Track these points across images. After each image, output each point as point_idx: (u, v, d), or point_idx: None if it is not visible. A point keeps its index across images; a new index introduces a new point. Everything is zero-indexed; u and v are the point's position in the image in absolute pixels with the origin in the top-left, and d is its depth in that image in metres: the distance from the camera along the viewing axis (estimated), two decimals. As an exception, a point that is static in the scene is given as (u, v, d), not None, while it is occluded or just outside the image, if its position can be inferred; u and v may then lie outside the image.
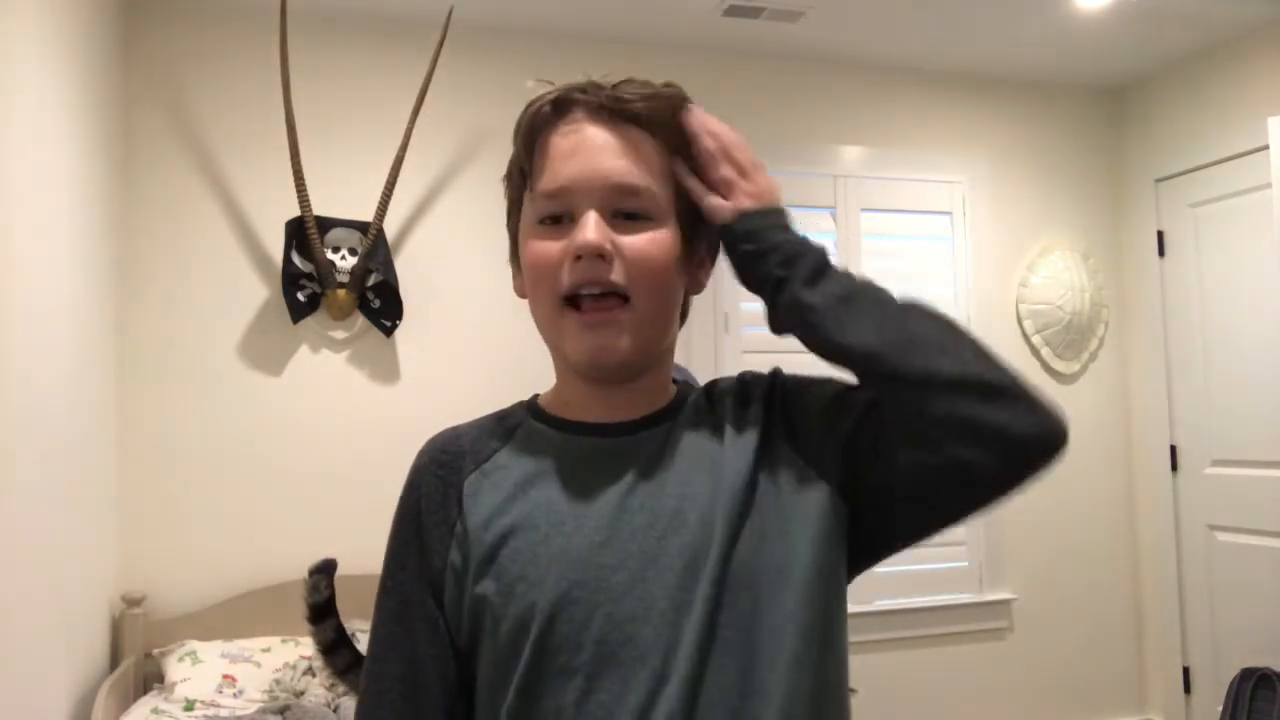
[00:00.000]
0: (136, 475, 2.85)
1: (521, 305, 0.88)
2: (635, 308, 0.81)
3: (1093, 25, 3.30)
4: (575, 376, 0.87)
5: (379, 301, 3.03)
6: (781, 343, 0.86)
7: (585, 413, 0.86)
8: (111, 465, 2.79)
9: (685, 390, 0.90)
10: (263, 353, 2.99)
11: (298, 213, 2.90)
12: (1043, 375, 3.75)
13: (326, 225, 2.96)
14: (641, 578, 0.77)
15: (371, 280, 3.00)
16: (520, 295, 0.89)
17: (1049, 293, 3.74)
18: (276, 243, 2.97)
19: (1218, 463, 3.50)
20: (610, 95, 0.83)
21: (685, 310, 0.90)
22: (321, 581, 1.67)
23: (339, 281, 2.96)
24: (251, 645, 2.69)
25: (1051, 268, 3.76)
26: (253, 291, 2.99)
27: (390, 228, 3.06)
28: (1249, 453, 3.38)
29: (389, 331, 3.05)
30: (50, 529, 2.22)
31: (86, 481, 2.55)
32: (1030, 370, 3.73)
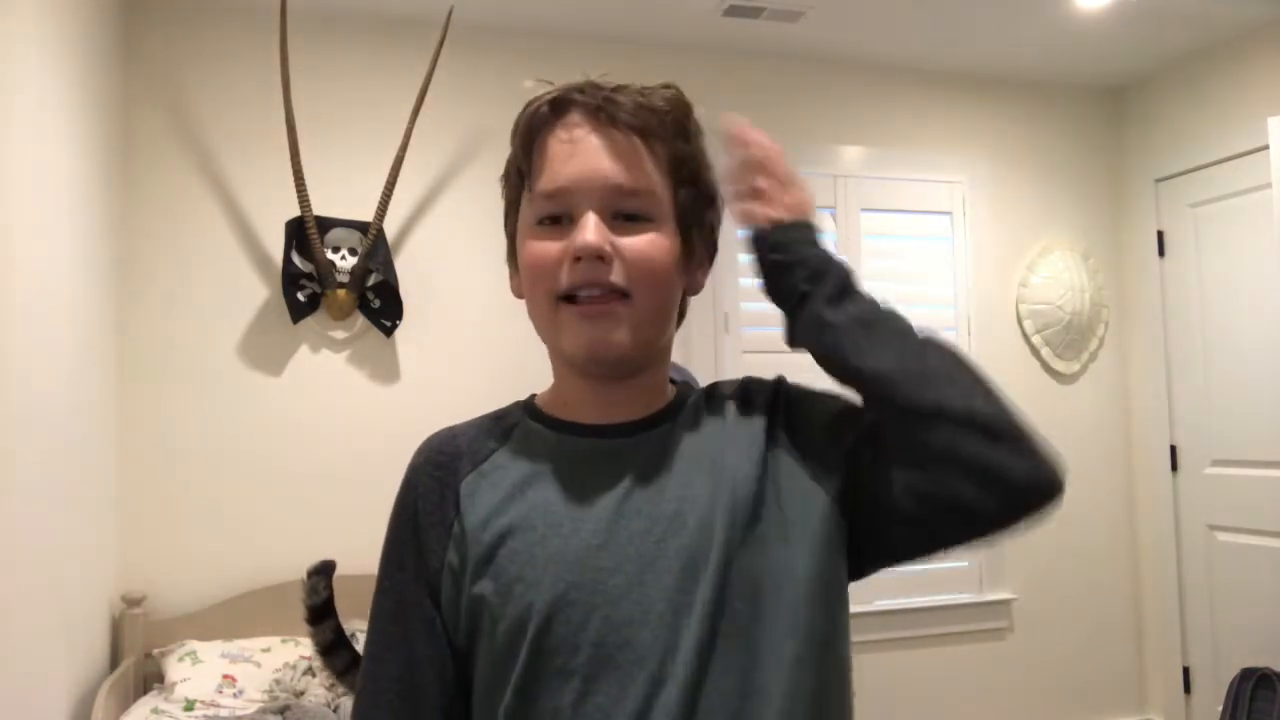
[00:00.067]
0: (136, 475, 2.85)
1: (521, 305, 0.87)
2: (634, 304, 0.81)
3: (1093, 25, 3.30)
4: (572, 375, 0.86)
5: (379, 301, 3.03)
6: (781, 344, 0.86)
7: (582, 413, 0.86)
8: (111, 465, 2.79)
9: (684, 391, 0.90)
10: (263, 353, 2.99)
11: (298, 213, 2.90)
12: (1043, 375, 3.75)
13: (326, 225, 2.96)
14: (639, 581, 0.77)
15: (371, 280, 3.00)
16: (517, 295, 0.89)
17: (1049, 293, 3.74)
18: (276, 243, 2.97)
19: (1218, 463, 3.50)
20: (607, 98, 0.82)
21: (683, 311, 0.90)
22: (320, 583, 1.67)
23: (339, 281, 2.97)
24: (251, 645, 2.69)
25: (1051, 268, 3.76)
26: (253, 291, 2.99)
27: (390, 228, 3.06)
28: (1249, 453, 3.38)
29: (389, 331, 3.06)
30: (50, 529, 2.22)
31: (86, 481, 2.55)
32: (1030, 370, 3.74)
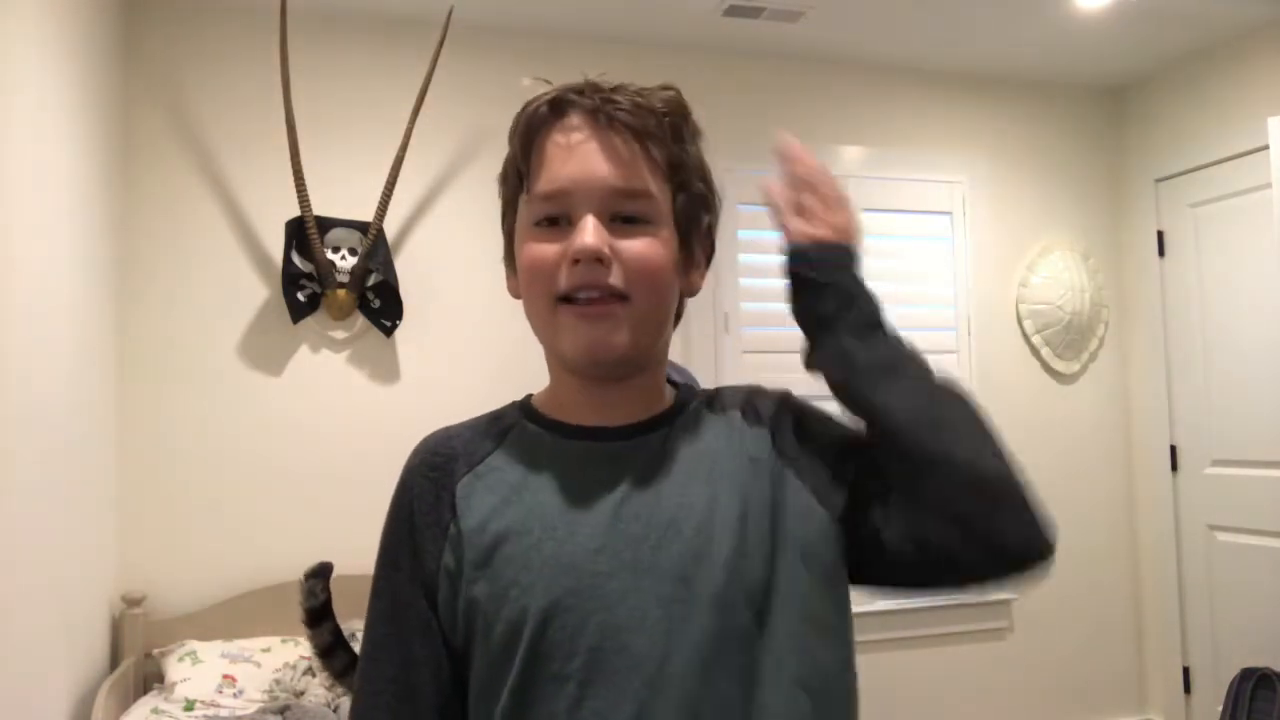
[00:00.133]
0: (136, 475, 2.85)
1: (521, 305, 0.87)
2: (633, 306, 0.81)
3: (1093, 25, 3.30)
4: (568, 376, 0.86)
5: (379, 301, 3.03)
6: (781, 344, 0.86)
7: (578, 414, 0.86)
8: (111, 465, 2.79)
9: (686, 396, 0.90)
10: (263, 353, 2.99)
11: (298, 213, 2.90)
12: (1043, 375, 3.75)
13: (326, 225, 2.96)
14: (635, 587, 0.77)
15: (371, 280, 3.00)
16: (514, 295, 0.88)
17: (1049, 293, 3.74)
18: (276, 243, 2.97)
19: (1218, 463, 3.50)
20: (606, 99, 0.82)
21: (679, 312, 0.89)
22: (317, 585, 1.67)
23: (339, 281, 2.96)
24: (251, 645, 2.69)
25: (1051, 268, 3.76)
26: (253, 291, 2.99)
27: (390, 228, 3.06)
28: (1249, 453, 3.38)
29: (389, 331, 3.05)
30: (50, 529, 2.22)
31: (86, 481, 2.55)
32: (1030, 370, 3.74)
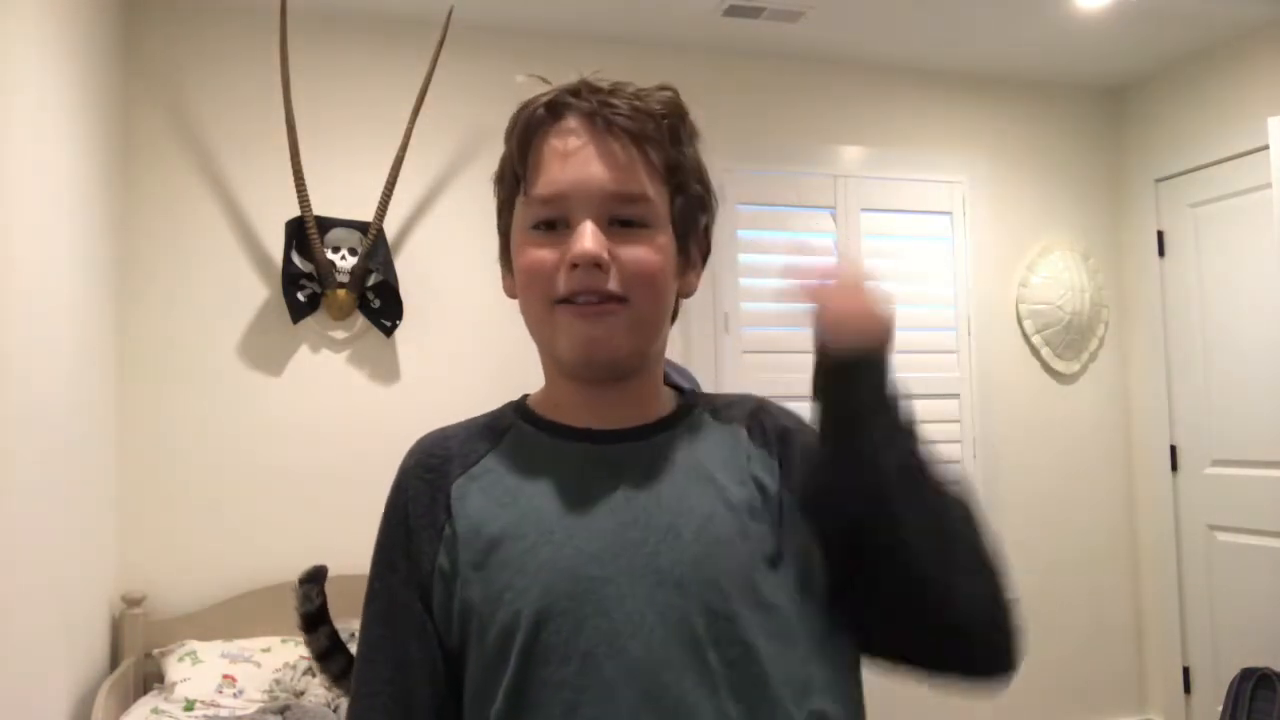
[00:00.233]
0: (136, 475, 2.85)
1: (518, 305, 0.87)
2: (632, 308, 0.81)
3: (1093, 25, 3.30)
4: (563, 378, 0.86)
5: (379, 301, 3.03)
6: (781, 344, 0.86)
7: (574, 416, 0.85)
8: (111, 465, 2.79)
9: (689, 402, 0.89)
10: (263, 353, 2.99)
11: (298, 213, 2.90)
12: (1043, 375, 3.75)
13: (326, 225, 2.96)
14: (631, 592, 0.76)
15: (371, 280, 3.00)
16: (510, 295, 0.88)
17: (1049, 293, 3.74)
18: (276, 243, 2.97)
19: (1218, 463, 3.50)
20: (603, 102, 0.81)
21: (675, 312, 0.89)
22: (312, 590, 1.67)
23: (339, 281, 2.96)
24: (251, 645, 2.69)
25: (1051, 268, 3.76)
26: (253, 291, 2.99)
27: (390, 228, 3.06)
28: (1249, 453, 3.38)
29: (389, 331, 3.05)
30: (50, 529, 2.22)
31: (86, 481, 2.55)
32: (1030, 370, 3.74)
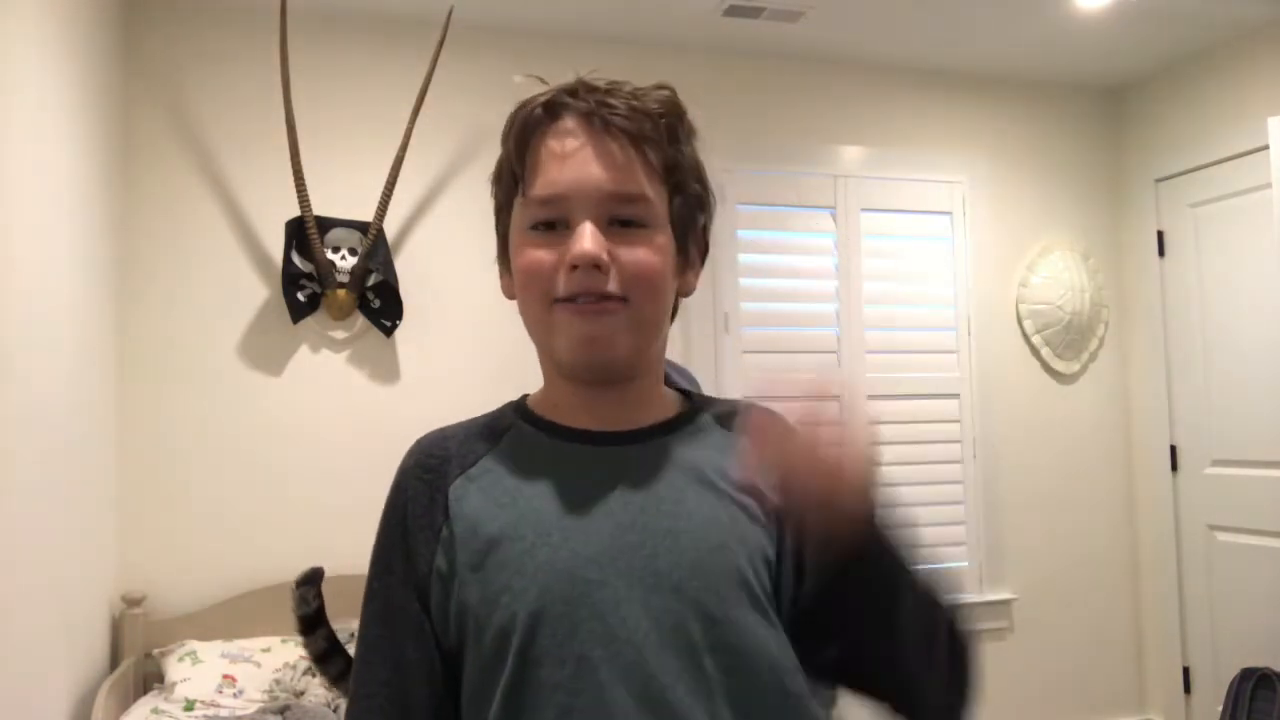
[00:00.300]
0: (136, 475, 2.85)
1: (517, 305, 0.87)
2: (632, 308, 0.80)
3: (1093, 25, 3.30)
4: (562, 379, 0.85)
5: (379, 301, 3.03)
6: (781, 342, 0.86)
7: (574, 417, 0.85)
8: (111, 465, 2.79)
9: (694, 406, 0.89)
10: (263, 353, 2.99)
11: (298, 213, 2.90)
12: (1043, 375, 3.75)
13: (326, 225, 2.96)
14: (628, 596, 0.76)
15: (371, 280, 3.00)
16: (508, 296, 0.88)
17: (1049, 293, 3.74)
18: (276, 243, 2.97)
19: (1218, 463, 3.50)
20: (600, 102, 0.81)
21: (674, 312, 0.89)
22: (309, 593, 1.66)
23: (339, 281, 2.96)
24: (251, 645, 2.69)
25: (1051, 268, 3.76)
26: (253, 291, 2.99)
27: (390, 228, 3.06)
28: (1249, 453, 3.38)
29: (389, 331, 3.05)
30: (50, 529, 2.22)
31: (86, 481, 2.55)
32: (1030, 370, 3.74)
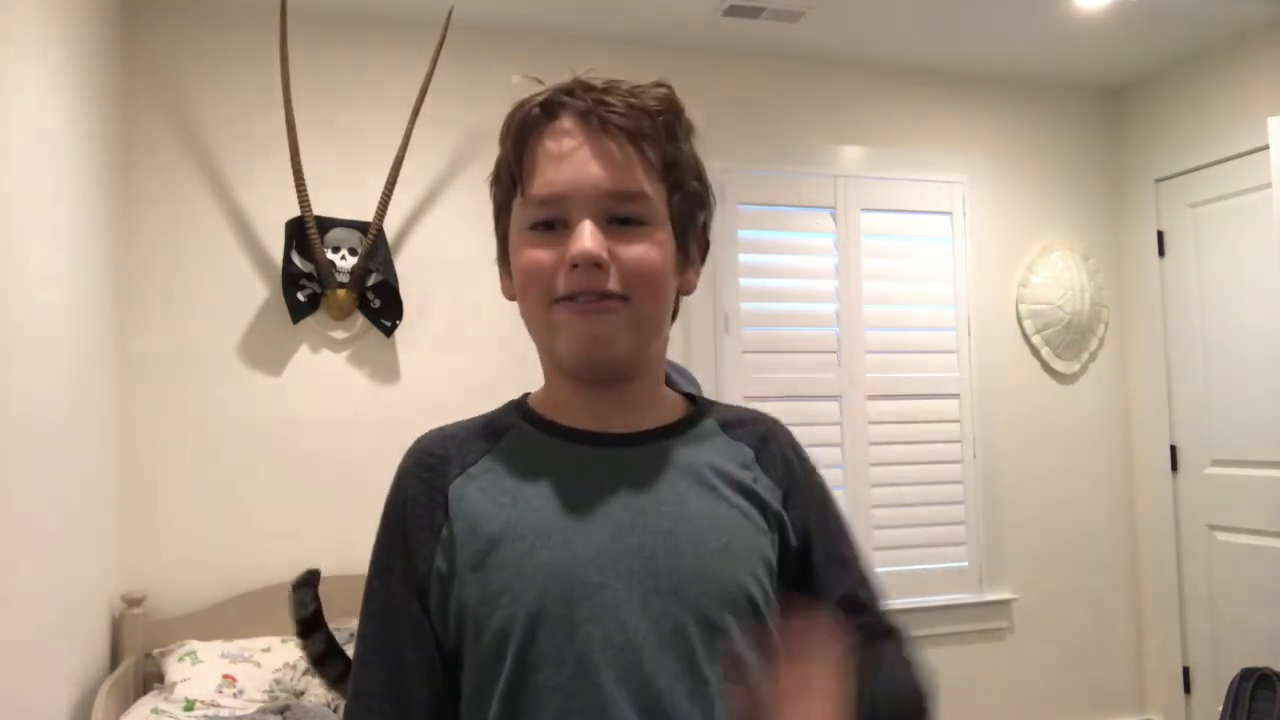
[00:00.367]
0: (136, 475, 2.85)
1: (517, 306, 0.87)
2: (632, 307, 0.80)
3: (1093, 25, 3.30)
4: (563, 379, 0.85)
5: (379, 301, 3.03)
6: (780, 342, 0.86)
7: (575, 417, 0.85)
8: (111, 465, 2.79)
9: (697, 411, 0.89)
10: (263, 353, 2.99)
11: (298, 213, 2.90)
12: (1043, 375, 3.75)
13: (326, 225, 2.96)
14: (627, 599, 0.76)
15: (371, 280, 3.00)
16: (508, 297, 0.88)
17: (1049, 293, 3.74)
18: (276, 243, 2.97)
19: (1218, 463, 3.50)
20: (598, 100, 0.81)
21: (675, 310, 0.88)
22: (306, 596, 1.66)
23: (339, 281, 2.96)
24: (251, 645, 2.69)
25: (1051, 268, 3.76)
26: (253, 291, 2.99)
27: (390, 228, 3.06)
28: (1249, 453, 3.38)
29: (389, 331, 3.05)
30: (50, 529, 2.22)
31: (86, 481, 2.55)
32: (1030, 370, 3.74)
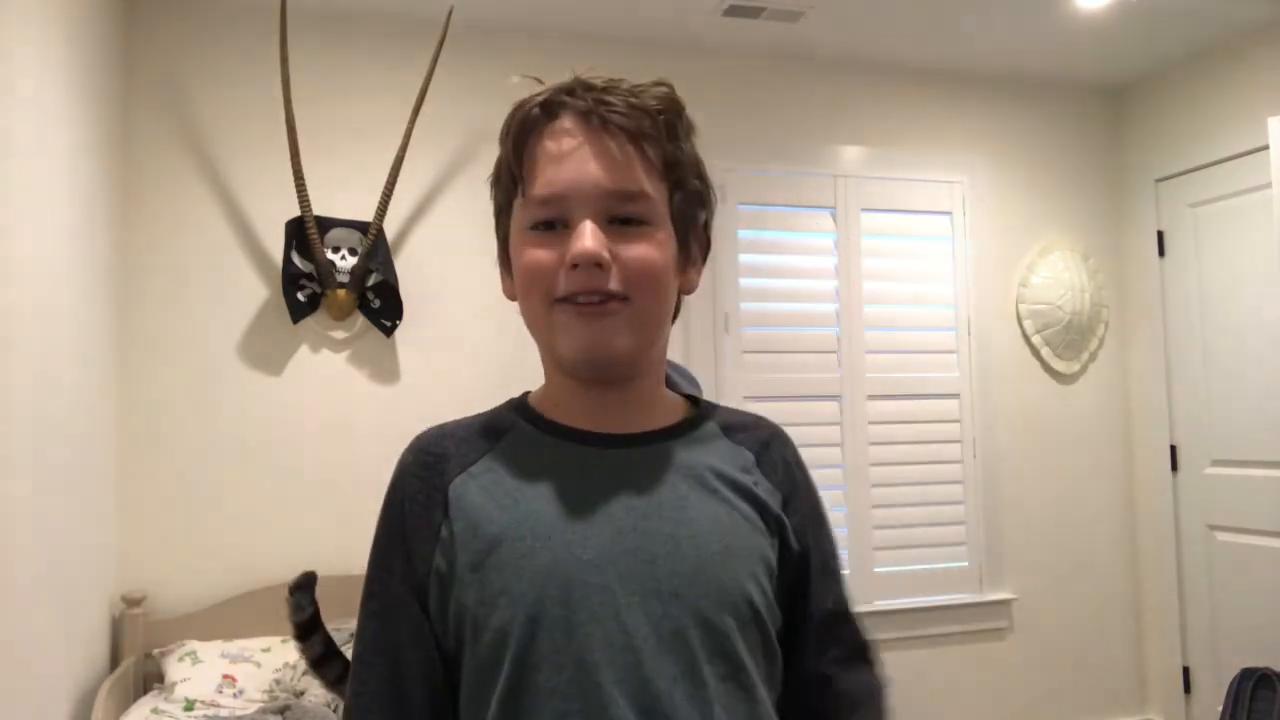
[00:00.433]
0: (136, 475, 2.85)
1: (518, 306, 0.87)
2: (633, 307, 0.80)
3: (1093, 25, 3.30)
4: (563, 379, 0.85)
5: (379, 301, 3.03)
6: (780, 342, 0.86)
7: (575, 418, 0.85)
8: (111, 465, 2.79)
9: (699, 413, 0.89)
10: (263, 353, 2.99)
11: (298, 213, 2.90)
12: (1043, 375, 3.75)
13: (326, 225, 2.96)
14: (627, 602, 0.76)
15: (371, 280, 3.00)
16: (509, 298, 0.88)
17: (1049, 293, 3.74)
18: (276, 243, 2.97)
19: (1218, 463, 3.50)
20: (598, 100, 0.81)
21: (676, 310, 0.88)
22: (304, 599, 1.66)
23: (339, 281, 2.96)
24: (251, 645, 2.69)
25: (1051, 268, 3.76)
26: (253, 291, 2.99)
27: (390, 228, 3.06)
28: (1249, 453, 3.38)
29: (389, 331, 3.05)
30: (50, 529, 2.22)
31: (86, 481, 2.55)
32: (1030, 370, 3.74)
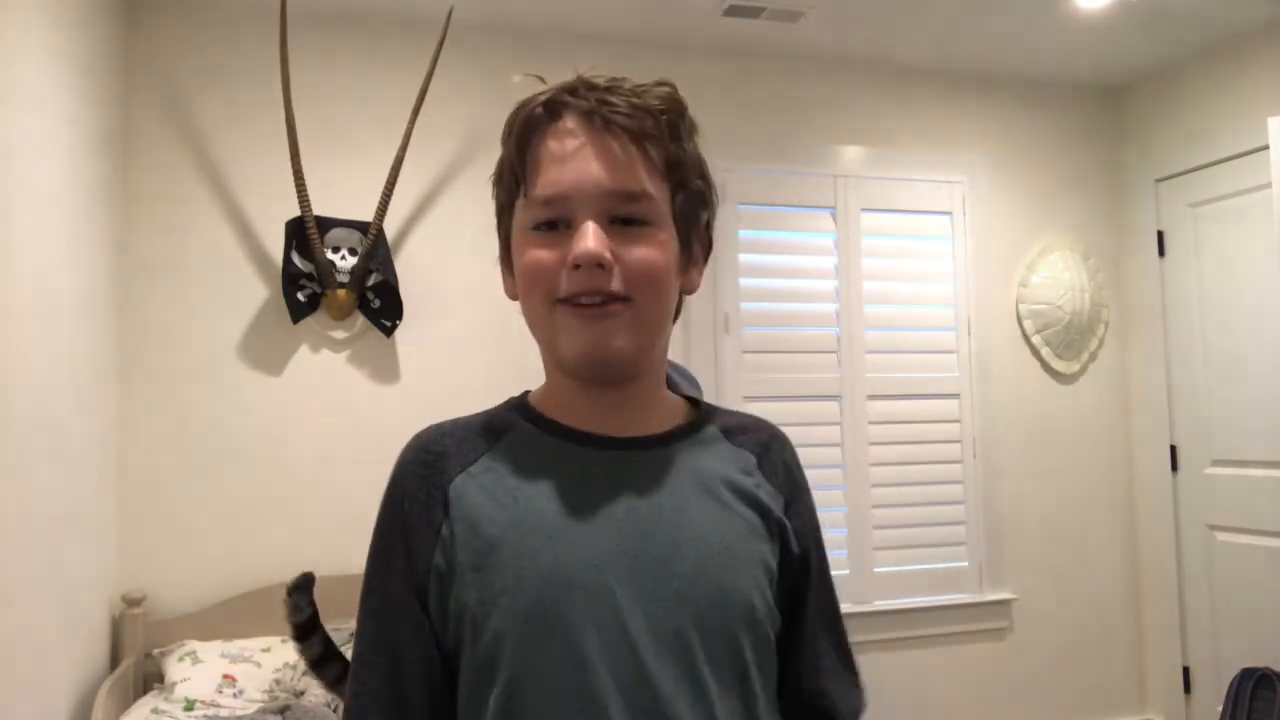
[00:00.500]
0: (136, 475, 2.85)
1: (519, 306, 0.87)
2: (635, 307, 0.80)
3: (1093, 25, 3.30)
4: (565, 379, 0.85)
5: (379, 301, 3.03)
6: (780, 342, 0.86)
7: (577, 418, 0.84)
8: (111, 465, 2.79)
9: (701, 416, 0.89)
10: (263, 353, 2.99)
11: (298, 213, 2.90)
12: (1043, 375, 3.75)
13: (326, 225, 2.96)
14: (627, 604, 0.76)
15: (371, 280, 3.00)
16: (511, 297, 0.87)
17: (1049, 293, 3.74)
18: (276, 243, 2.97)
19: (1218, 463, 3.50)
20: (601, 100, 0.80)
21: (678, 310, 0.88)
22: (302, 600, 1.66)
23: (339, 281, 2.96)
24: (251, 645, 2.69)
25: (1051, 268, 3.76)
26: (253, 291, 2.99)
27: (390, 228, 3.06)
28: (1249, 453, 3.38)
29: (389, 331, 3.06)
30: (50, 529, 2.22)
31: (86, 481, 2.55)
32: (1030, 370, 3.74)
